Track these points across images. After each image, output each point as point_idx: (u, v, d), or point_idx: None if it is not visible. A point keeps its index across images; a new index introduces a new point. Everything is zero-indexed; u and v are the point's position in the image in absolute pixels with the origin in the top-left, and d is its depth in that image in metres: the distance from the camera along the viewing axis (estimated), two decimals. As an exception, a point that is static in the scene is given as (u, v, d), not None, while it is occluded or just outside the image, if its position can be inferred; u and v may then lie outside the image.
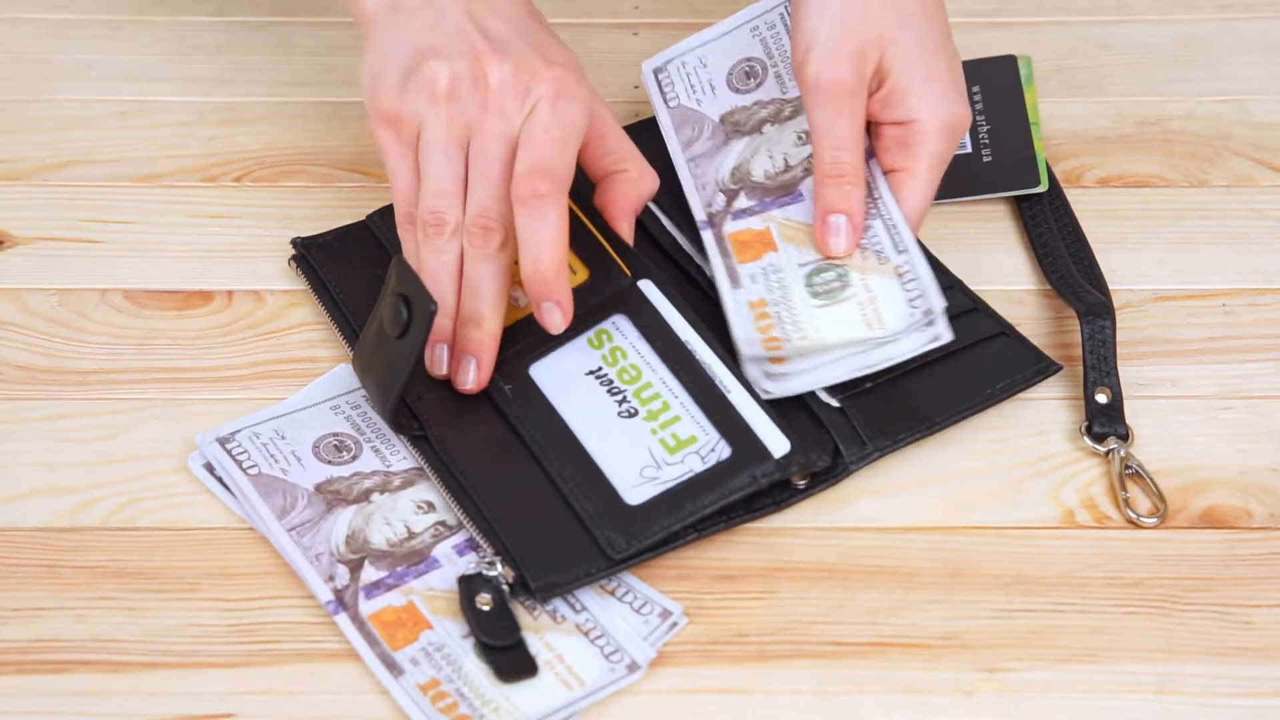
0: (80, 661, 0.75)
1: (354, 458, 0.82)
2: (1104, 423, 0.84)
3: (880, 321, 0.76)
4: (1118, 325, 0.88)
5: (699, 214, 0.86)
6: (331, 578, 0.77)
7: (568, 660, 0.75)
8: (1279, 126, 1.00)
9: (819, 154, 0.85)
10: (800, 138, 0.87)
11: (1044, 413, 0.85)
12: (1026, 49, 1.04)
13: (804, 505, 0.81)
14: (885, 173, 0.87)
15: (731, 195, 0.85)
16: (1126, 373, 0.86)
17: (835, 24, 0.85)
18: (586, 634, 0.76)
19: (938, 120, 0.86)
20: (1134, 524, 0.81)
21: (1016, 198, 0.95)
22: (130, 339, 0.88)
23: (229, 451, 0.81)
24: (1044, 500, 0.82)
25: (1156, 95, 1.02)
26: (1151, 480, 0.82)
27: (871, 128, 0.87)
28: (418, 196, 0.82)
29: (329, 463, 0.81)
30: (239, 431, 0.82)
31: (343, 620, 0.76)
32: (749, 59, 0.86)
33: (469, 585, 0.77)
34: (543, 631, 0.76)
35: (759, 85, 0.86)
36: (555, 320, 0.81)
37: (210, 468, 0.81)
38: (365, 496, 0.80)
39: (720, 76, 0.87)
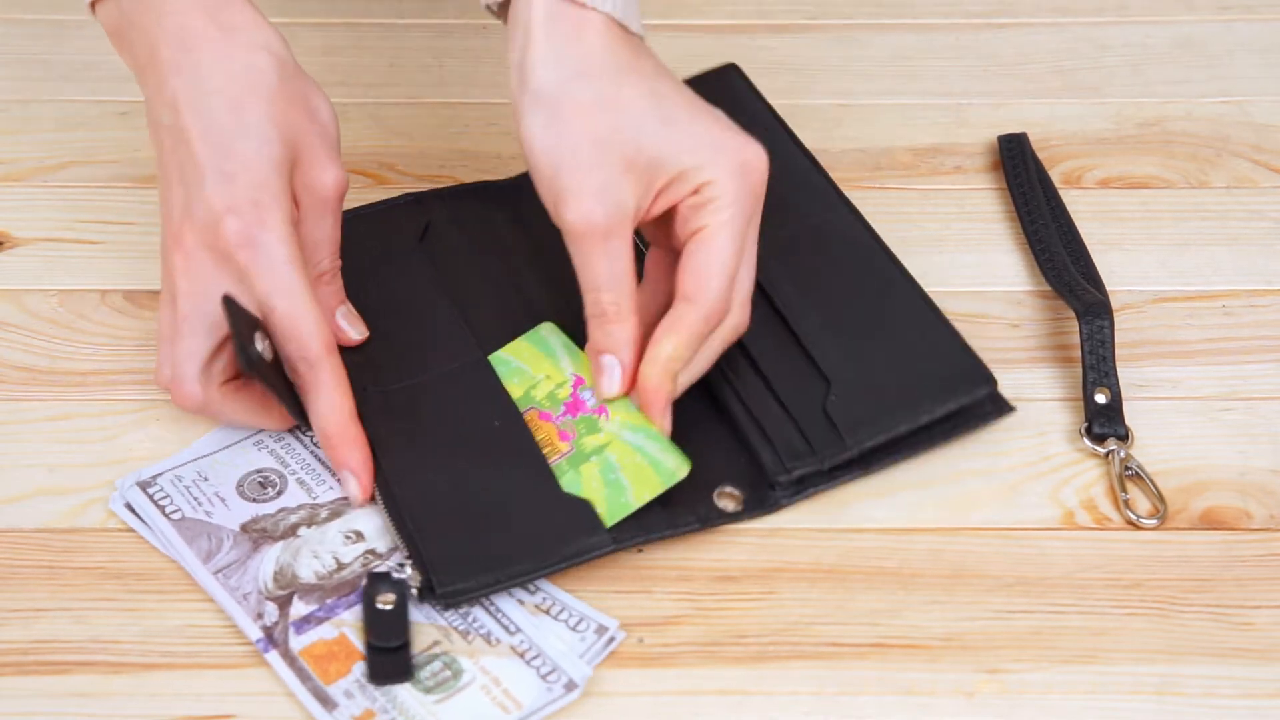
0: (80, 662, 0.75)
1: (279, 493, 0.81)
2: (1103, 423, 0.84)
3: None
4: (1118, 326, 0.88)
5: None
6: (260, 615, 0.76)
7: (504, 683, 0.74)
8: (1279, 127, 1.00)
9: (584, 295, 0.80)
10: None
11: (1044, 413, 0.85)
12: (1026, 49, 1.05)
13: (804, 506, 0.81)
14: (686, 240, 0.79)
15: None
16: (1126, 374, 0.86)
17: (577, 156, 0.77)
18: (522, 655, 0.75)
19: (723, 169, 0.79)
20: (1134, 525, 0.81)
21: (1014, 197, 0.95)
22: (130, 340, 0.88)
23: (150, 496, 0.80)
24: (1044, 501, 0.82)
25: (1156, 96, 1.02)
26: (1151, 481, 0.82)
27: (674, 214, 0.80)
28: None
29: (254, 500, 0.81)
30: (161, 475, 0.81)
31: (273, 657, 0.75)
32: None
33: (374, 583, 0.76)
34: (477, 656, 0.75)
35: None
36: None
37: (130, 506, 0.80)
38: (292, 531, 0.79)
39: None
